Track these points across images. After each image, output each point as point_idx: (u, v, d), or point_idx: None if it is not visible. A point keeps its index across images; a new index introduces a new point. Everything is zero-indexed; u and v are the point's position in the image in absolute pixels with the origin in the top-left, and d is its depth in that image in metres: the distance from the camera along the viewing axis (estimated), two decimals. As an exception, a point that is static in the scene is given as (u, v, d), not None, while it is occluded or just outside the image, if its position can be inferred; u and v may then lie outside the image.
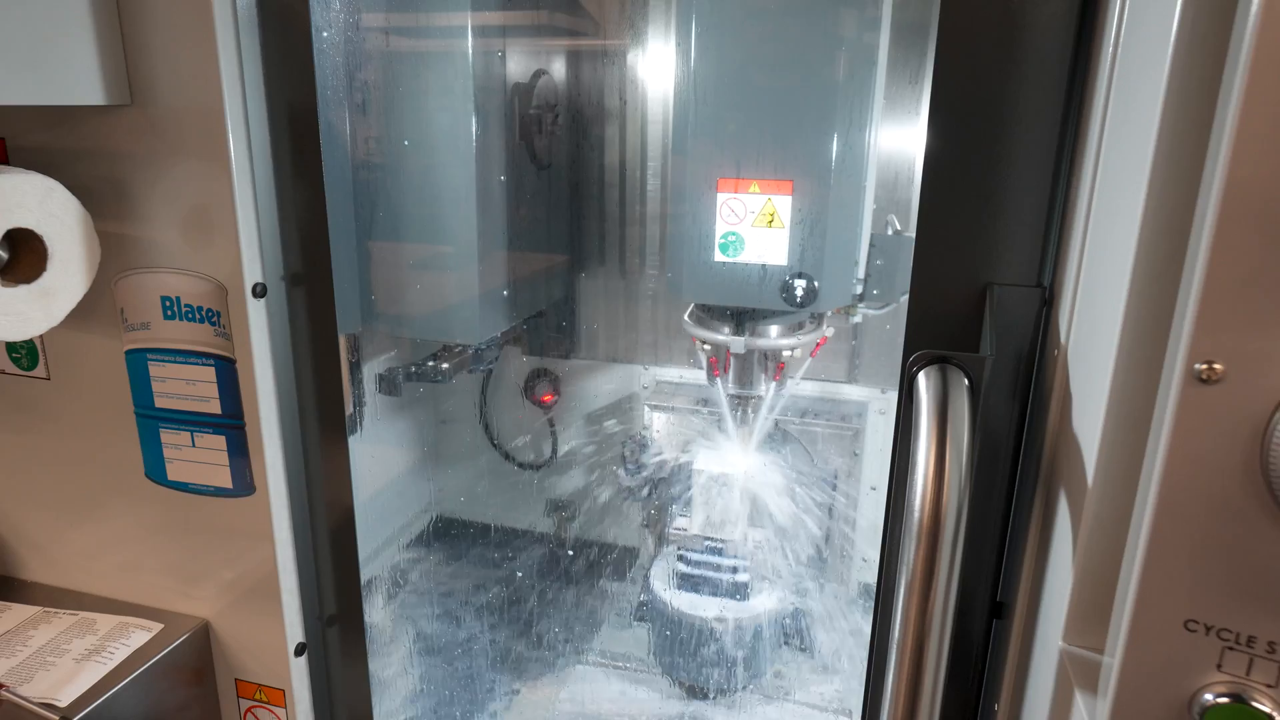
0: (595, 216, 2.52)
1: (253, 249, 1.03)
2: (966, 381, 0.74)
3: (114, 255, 1.06)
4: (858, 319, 2.09)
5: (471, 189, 1.94)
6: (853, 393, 2.48)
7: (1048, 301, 0.81)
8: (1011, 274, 0.81)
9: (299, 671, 1.21)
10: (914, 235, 1.88)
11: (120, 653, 1.12)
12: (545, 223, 2.34)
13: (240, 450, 1.10)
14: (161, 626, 1.17)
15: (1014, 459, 0.86)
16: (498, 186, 2.04)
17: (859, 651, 2.37)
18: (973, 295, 0.83)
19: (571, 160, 2.44)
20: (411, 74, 1.83)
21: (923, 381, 0.75)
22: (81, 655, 1.11)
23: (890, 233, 1.89)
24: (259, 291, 1.05)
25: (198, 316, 1.06)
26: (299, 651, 1.20)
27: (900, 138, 2.06)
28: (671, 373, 2.62)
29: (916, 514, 0.70)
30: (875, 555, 2.47)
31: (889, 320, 2.38)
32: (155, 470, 1.15)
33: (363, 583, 1.25)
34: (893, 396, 2.46)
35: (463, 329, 2.07)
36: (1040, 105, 0.77)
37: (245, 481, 1.11)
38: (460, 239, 1.98)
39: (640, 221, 2.50)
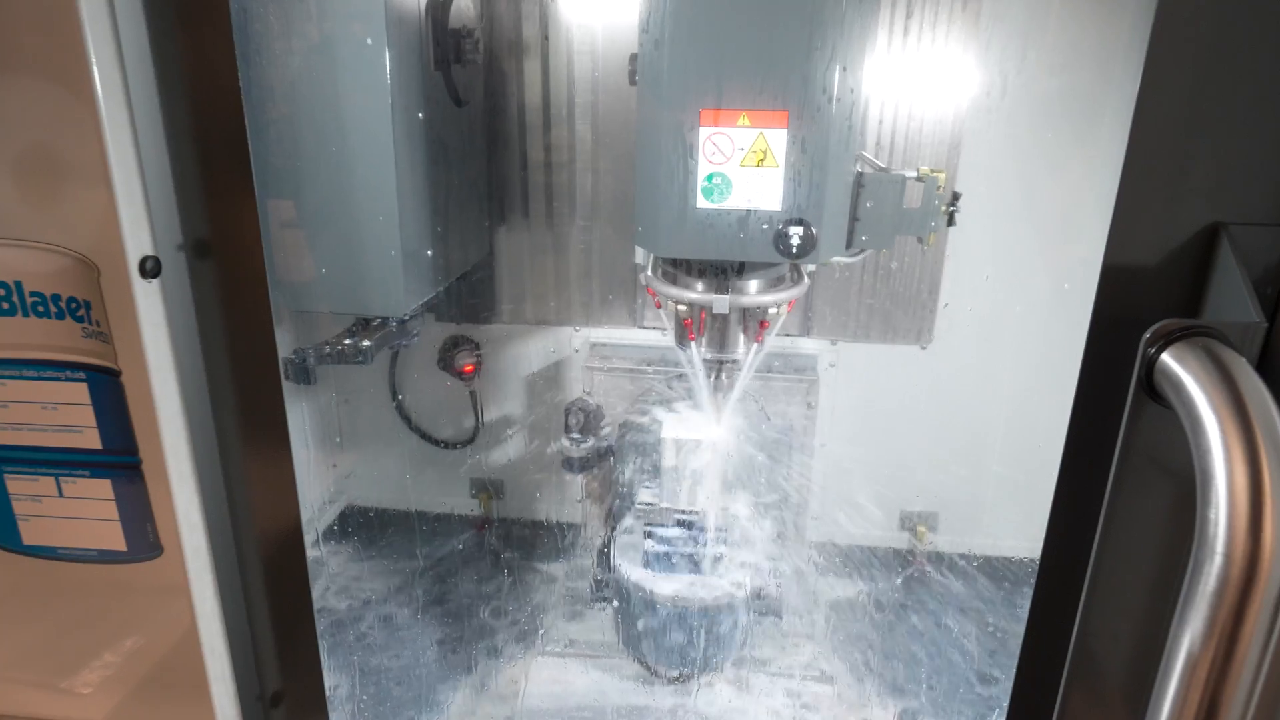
0: (516, 161, 2.20)
1: (136, 207, 0.69)
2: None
3: (-95, 222, 0.70)
4: (811, 268, 1.90)
5: (387, 127, 1.59)
6: (806, 346, 2.35)
7: (1292, 246, 0.62)
8: (1249, 211, 0.61)
9: (240, 775, 0.91)
10: (905, 173, 1.69)
11: (-25, 794, 0.78)
12: (467, 169, 2.01)
13: (136, 497, 0.77)
14: (34, 744, 0.84)
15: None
16: (416, 125, 1.70)
17: (823, 614, 2.26)
18: (1190, 238, 0.62)
19: (490, 97, 2.11)
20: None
21: (1177, 365, 0.54)
22: (-86, 808, 0.77)
23: (864, 170, 1.69)
24: (149, 269, 0.71)
25: (53, 309, 0.72)
26: (239, 750, 0.90)
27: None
28: (605, 334, 2.39)
29: (1220, 559, 0.49)
30: (824, 510, 2.40)
31: (843, 268, 2.24)
32: (1, 532, 0.80)
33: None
34: (844, 349, 2.35)
35: (383, 299, 1.73)
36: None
37: (147, 541, 0.78)
38: (376, 189, 1.63)
39: (569, 166, 2.21)
